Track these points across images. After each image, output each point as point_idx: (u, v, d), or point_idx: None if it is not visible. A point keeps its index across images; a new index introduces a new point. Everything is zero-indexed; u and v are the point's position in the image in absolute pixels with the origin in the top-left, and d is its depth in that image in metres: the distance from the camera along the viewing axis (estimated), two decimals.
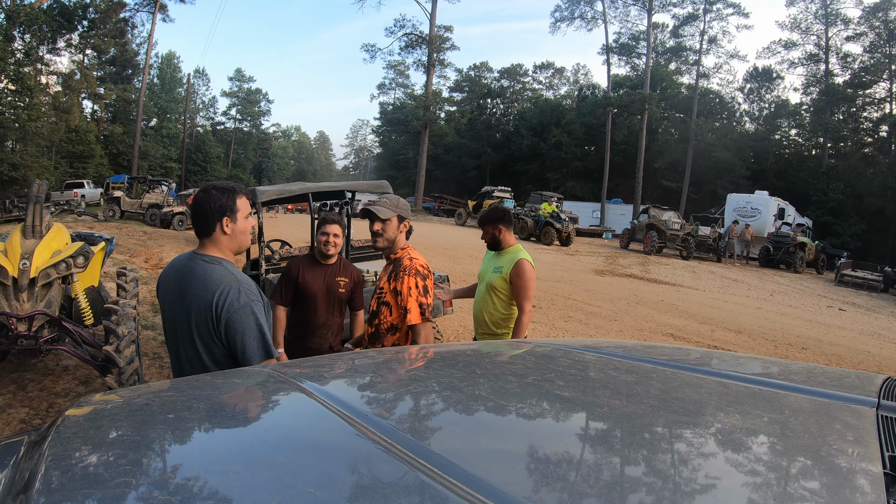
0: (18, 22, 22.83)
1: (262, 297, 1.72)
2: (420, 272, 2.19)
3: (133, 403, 0.94)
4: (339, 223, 2.99)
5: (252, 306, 1.65)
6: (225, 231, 1.73)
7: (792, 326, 8.49)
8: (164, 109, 42.40)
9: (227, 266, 1.72)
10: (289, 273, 2.96)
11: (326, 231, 2.94)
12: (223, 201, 1.73)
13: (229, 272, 1.70)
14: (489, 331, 3.01)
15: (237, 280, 1.68)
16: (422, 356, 1.29)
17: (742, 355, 2.40)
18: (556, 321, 7.19)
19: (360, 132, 78.13)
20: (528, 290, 2.84)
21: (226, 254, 1.77)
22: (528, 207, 21.24)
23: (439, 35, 36.28)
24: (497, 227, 2.98)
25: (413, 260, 2.23)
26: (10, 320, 3.34)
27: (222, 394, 0.95)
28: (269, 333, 1.68)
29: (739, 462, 0.65)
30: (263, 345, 1.65)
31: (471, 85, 49.29)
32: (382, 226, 2.26)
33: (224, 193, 1.74)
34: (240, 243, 1.78)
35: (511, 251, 2.97)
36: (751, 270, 16.56)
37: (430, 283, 2.23)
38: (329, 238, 2.93)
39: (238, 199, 1.76)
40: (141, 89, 34.47)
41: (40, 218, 3.79)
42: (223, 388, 0.99)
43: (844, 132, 32.09)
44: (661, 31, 37.12)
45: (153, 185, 20.52)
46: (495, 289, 2.94)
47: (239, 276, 1.70)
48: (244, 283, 1.68)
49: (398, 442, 0.63)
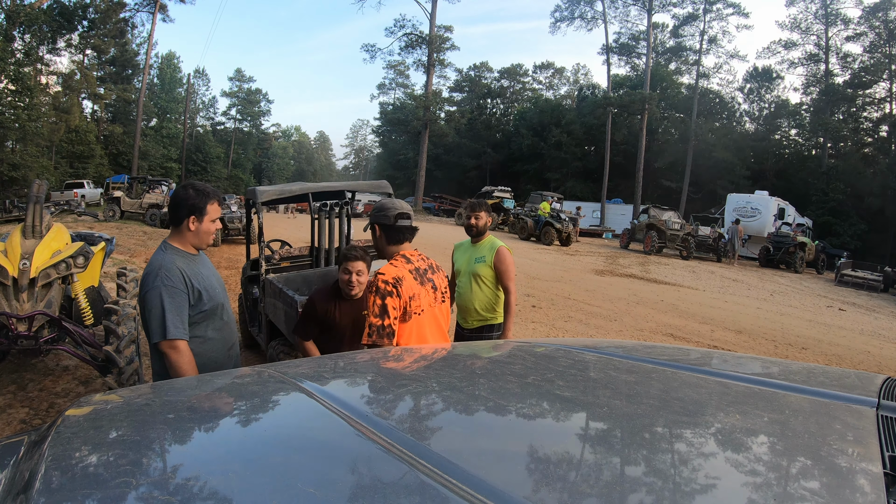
0: (18, 22, 22.83)
1: (187, 285, 1.89)
2: (380, 289, 1.93)
3: (133, 403, 0.94)
4: (362, 259, 2.58)
5: (161, 290, 1.83)
6: (190, 228, 1.97)
7: (792, 326, 8.49)
8: (164, 109, 42.39)
9: (168, 252, 1.94)
10: (313, 310, 2.63)
11: (349, 269, 2.54)
12: (196, 202, 1.95)
13: (160, 257, 1.91)
14: (480, 317, 3.23)
15: (161, 265, 1.89)
16: (422, 356, 1.29)
17: (742, 355, 2.40)
18: (556, 321, 7.19)
19: (360, 132, 78.18)
20: (511, 272, 3.14)
21: (186, 246, 1.99)
22: (528, 207, 21.26)
23: (439, 35, 36.26)
24: (489, 215, 3.26)
25: (377, 276, 1.97)
26: (10, 320, 3.34)
27: (222, 394, 0.95)
28: (172, 317, 1.84)
29: (740, 462, 0.65)
30: (161, 325, 1.83)
31: (471, 85, 49.28)
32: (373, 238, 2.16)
33: (199, 195, 1.95)
34: (201, 241, 2.02)
35: (487, 241, 3.23)
36: (751, 270, 16.56)
37: (392, 301, 1.92)
38: (352, 278, 2.54)
39: (210, 203, 1.97)
40: (141, 89, 34.47)
41: (40, 218, 3.79)
42: (223, 389, 0.99)
43: (844, 132, 32.08)
44: (661, 31, 37.13)
45: (153, 186, 20.52)
46: (480, 277, 3.16)
47: (166, 262, 1.89)
48: (165, 268, 1.88)
49: (398, 442, 0.63)
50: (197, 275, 1.98)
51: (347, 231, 4.81)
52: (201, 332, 2.01)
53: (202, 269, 2.04)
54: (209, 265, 2.15)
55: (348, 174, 79.62)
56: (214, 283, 2.09)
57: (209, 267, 2.13)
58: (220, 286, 2.13)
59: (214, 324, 2.06)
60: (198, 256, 2.07)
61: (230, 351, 2.18)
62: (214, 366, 2.03)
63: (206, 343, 2.03)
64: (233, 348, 2.21)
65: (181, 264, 1.93)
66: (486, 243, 3.22)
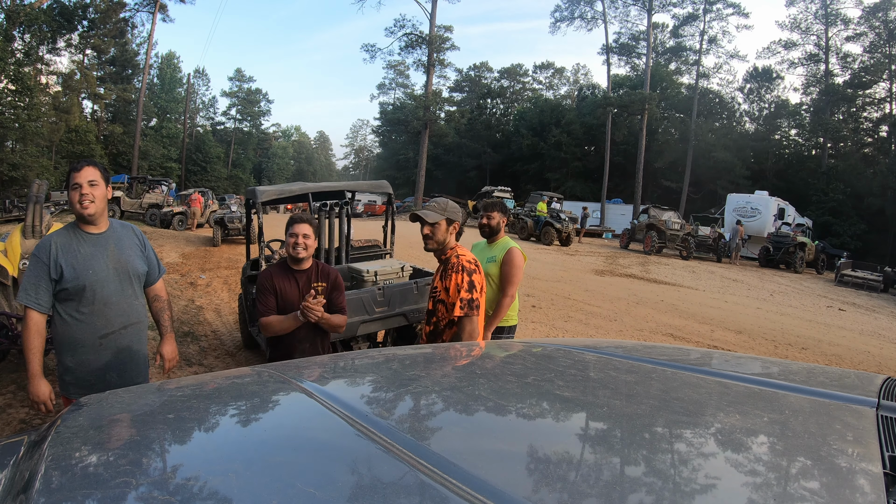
0: (18, 22, 22.82)
1: (50, 258, 1.98)
2: (466, 268, 2.27)
3: (133, 403, 0.94)
4: (309, 222, 2.60)
5: (31, 259, 2.02)
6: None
7: (792, 326, 8.49)
8: (164, 109, 42.37)
9: (62, 228, 2.10)
10: (267, 284, 2.58)
11: (295, 232, 2.54)
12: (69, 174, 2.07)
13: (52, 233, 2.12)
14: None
15: (44, 237, 2.09)
16: (422, 356, 1.29)
17: (742, 355, 2.40)
18: (556, 321, 7.19)
19: (360, 132, 78.14)
20: (515, 276, 3.11)
21: (80, 221, 2.07)
22: (528, 207, 21.28)
23: (439, 35, 36.23)
24: (504, 215, 3.27)
25: (460, 257, 2.31)
26: (10, 320, 3.35)
27: (222, 394, 0.95)
28: (27, 285, 1.98)
29: (739, 462, 0.65)
30: (24, 286, 1.99)
31: (471, 85, 49.30)
32: (431, 229, 2.35)
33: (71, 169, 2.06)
34: (73, 209, 2.05)
35: (502, 241, 3.23)
36: (751, 270, 16.56)
37: (478, 278, 2.29)
38: (298, 239, 2.53)
39: (73, 173, 2.03)
40: (141, 89, 34.45)
41: (40, 218, 3.80)
42: (223, 389, 0.99)
43: (844, 132, 32.08)
44: (661, 31, 37.14)
45: (153, 185, 20.53)
46: (490, 277, 3.15)
47: (48, 236, 2.06)
48: (43, 240, 2.04)
49: (398, 442, 0.63)
50: (72, 252, 1.98)
51: (347, 231, 4.80)
52: (64, 311, 2.02)
53: (89, 249, 2.02)
54: (111, 247, 2.08)
55: (348, 174, 79.61)
56: (95, 264, 2.01)
57: (107, 248, 2.06)
58: (112, 270, 2.06)
59: (81, 306, 2.01)
60: (96, 236, 2.05)
61: (103, 339, 2.06)
62: (78, 348, 2.04)
63: (68, 324, 2.02)
64: (108, 338, 2.08)
65: (60, 239, 2.00)
66: (500, 244, 3.22)
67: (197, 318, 6.40)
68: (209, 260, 10.94)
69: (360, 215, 30.00)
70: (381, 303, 3.91)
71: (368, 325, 3.91)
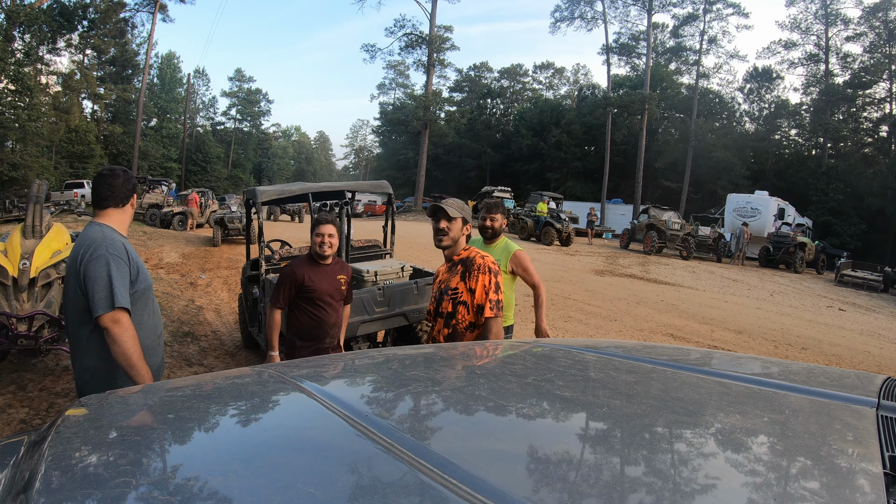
0: (18, 22, 22.80)
1: (129, 258, 1.86)
2: (492, 269, 2.29)
3: (133, 403, 0.94)
4: (332, 223, 2.94)
5: (108, 258, 1.76)
6: (133, 206, 2.04)
7: (792, 326, 8.48)
8: (164, 109, 42.37)
9: (106, 229, 1.87)
10: (292, 276, 2.88)
11: (321, 232, 2.90)
12: (135, 182, 2.05)
13: (98, 231, 1.85)
14: None
15: (104, 238, 1.82)
16: (422, 356, 1.29)
17: (742, 355, 2.40)
18: (556, 321, 7.19)
19: (360, 132, 78.11)
20: (533, 269, 3.25)
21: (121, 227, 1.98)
22: (527, 208, 21.31)
23: (439, 35, 36.23)
24: (506, 216, 3.17)
25: (485, 258, 2.31)
26: (10, 320, 3.35)
27: (222, 394, 0.95)
28: (119, 287, 1.76)
29: (739, 462, 0.65)
30: (109, 295, 1.74)
31: (471, 85, 49.29)
32: (449, 224, 2.33)
33: (131, 177, 2.04)
34: (130, 220, 2.07)
35: (501, 243, 3.22)
36: (751, 270, 16.56)
37: (501, 280, 2.33)
38: (324, 238, 2.89)
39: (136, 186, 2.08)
40: (141, 89, 34.44)
41: (40, 218, 3.80)
42: (223, 388, 0.99)
43: (844, 132, 32.08)
44: (661, 31, 37.14)
45: (153, 186, 20.52)
46: None
47: (107, 234, 1.84)
48: (109, 240, 1.82)
49: (398, 442, 0.63)
50: (133, 251, 1.97)
51: (348, 231, 4.80)
52: (137, 314, 1.89)
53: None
54: None
55: (348, 174, 79.59)
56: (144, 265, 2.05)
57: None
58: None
59: (149, 307, 1.99)
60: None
61: (159, 339, 2.11)
62: (146, 352, 1.90)
63: (140, 327, 1.90)
64: (161, 336, 2.14)
65: (121, 239, 1.91)
66: (499, 245, 3.19)
67: (197, 318, 6.40)
68: (209, 260, 10.94)
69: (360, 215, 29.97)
70: (381, 303, 3.91)
71: (368, 325, 3.91)
